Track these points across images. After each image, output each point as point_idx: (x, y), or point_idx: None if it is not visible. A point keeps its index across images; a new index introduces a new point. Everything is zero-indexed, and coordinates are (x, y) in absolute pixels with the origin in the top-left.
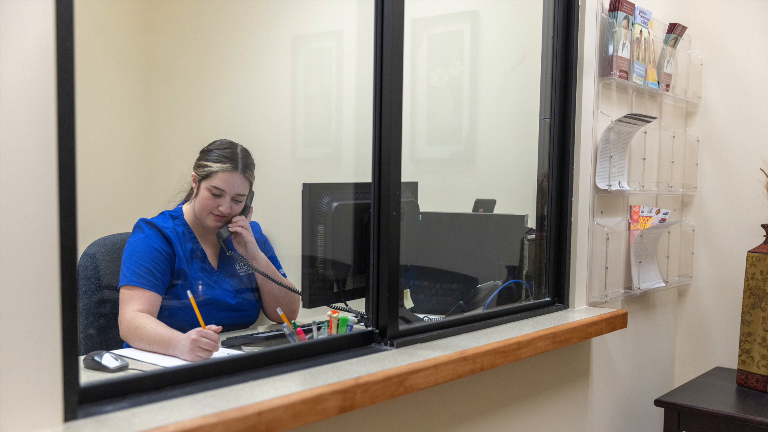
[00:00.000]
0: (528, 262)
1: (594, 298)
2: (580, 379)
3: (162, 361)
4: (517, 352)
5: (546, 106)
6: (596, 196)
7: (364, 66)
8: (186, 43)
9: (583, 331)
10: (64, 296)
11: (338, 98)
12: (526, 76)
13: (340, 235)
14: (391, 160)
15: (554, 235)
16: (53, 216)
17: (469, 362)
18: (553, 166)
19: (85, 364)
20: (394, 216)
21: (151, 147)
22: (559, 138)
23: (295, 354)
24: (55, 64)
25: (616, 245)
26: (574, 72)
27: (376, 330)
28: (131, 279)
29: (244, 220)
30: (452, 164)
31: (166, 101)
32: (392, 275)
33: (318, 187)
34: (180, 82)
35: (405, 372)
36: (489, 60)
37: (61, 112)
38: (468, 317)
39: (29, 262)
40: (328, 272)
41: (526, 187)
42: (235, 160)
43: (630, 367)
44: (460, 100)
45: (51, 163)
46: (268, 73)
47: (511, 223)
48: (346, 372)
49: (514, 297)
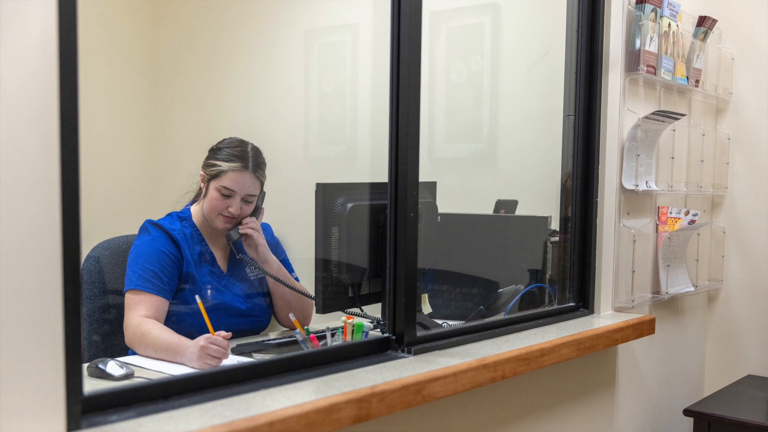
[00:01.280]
0: (551, 265)
1: (620, 303)
2: (605, 388)
3: (169, 368)
4: (539, 360)
5: (570, 103)
6: (622, 197)
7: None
8: (194, 37)
9: (609, 337)
10: (66, 301)
11: (353, 94)
12: (549, 71)
13: (355, 237)
14: (408, 159)
15: (579, 237)
16: (55, 217)
17: (489, 370)
18: (578, 165)
19: (89, 372)
20: (411, 217)
21: (157, 145)
22: (584, 136)
23: (308, 361)
24: (58, 59)
25: (644, 248)
26: (599, 67)
27: (393, 336)
28: (137, 283)
29: (254, 221)
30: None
31: (174, 98)
32: (409, 279)
33: (332, 187)
34: (188, 78)
35: (423, 380)
36: (510, 54)
37: (64, 110)
38: (489, 323)
39: (30, 266)
40: (343, 276)
41: (550, 188)
42: (245, 159)
43: (658, 375)
44: (481, 97)
45: (53, 162)
46: (280, 68)
47: (534, 224)
48: (362, 380)
49: (536, 302)
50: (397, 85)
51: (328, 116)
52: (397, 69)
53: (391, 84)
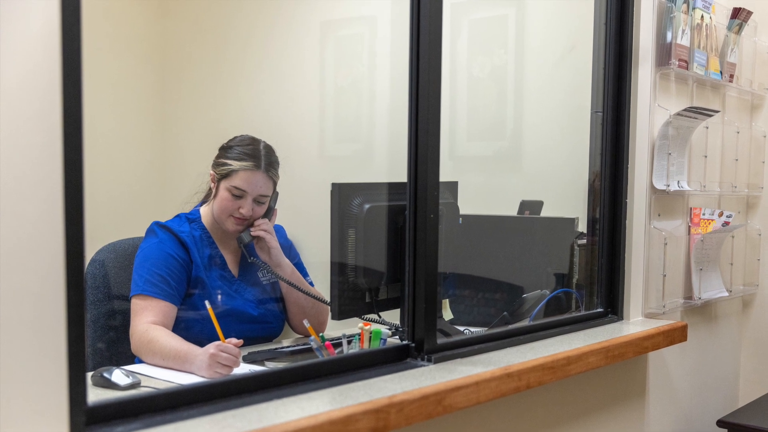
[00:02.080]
0: (578, 269)
1: (651, 309)
2: (635, 398)
3: (177, 377)
4: (566, 368)
5: (598, 99)
6: (653, 198)
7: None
8: (204, 30)
9: (639, 345)
10: (70, 307)
11: (371, 90)
12: (576, 66)
13: (372, 239)
14: (428, 158)
15: (607, 240)
16: (58, 219)
17: (513, 379)
18: (606, 165)
19: (93, 381)
20: (431, 219)
21: (165, 143)
22: (613, 133)
23: (323, 370)
24: (60, 53)
25: (675, 251)
26: (628, 61)
27: (412, 344)
28: (144, 288)
29: (267, 223)
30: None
31: (182, 93)
32: (430, 284)
33: (348, 187)
34: (197, 73)
35: (444, 390)
36: (535, 48)
37: (67, 106)
38: (513, 330)
39: (32, 270)
40: (360, 280)
41: (577, 188)
42: (257, 158)
43: (690, 384)
44: (504, 92)
45: (56, 161)
46: (294, 62)
47: (560, 226)
48: (379, 390)
49: (563, 308)
50: (416, 80)
51: (345, 113)
52: (417, 63)
53: (411, 79)
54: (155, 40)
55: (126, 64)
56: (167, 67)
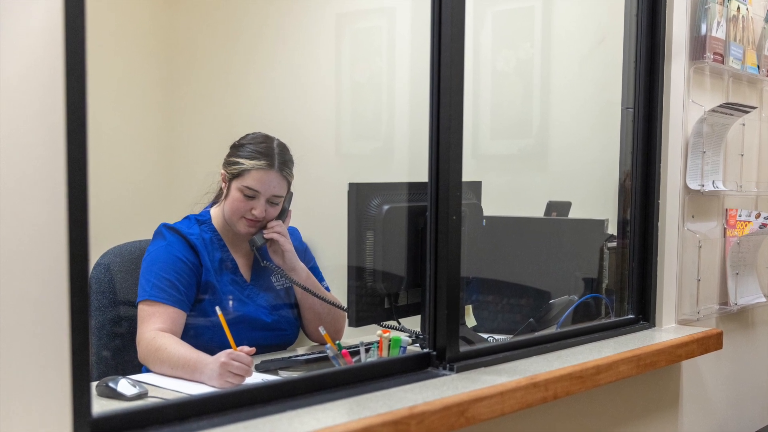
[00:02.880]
0: (608, 273)
1: (684, 316)
2: (668, 409)
3: (186, 387)
4: (595, 378)
5: (629, 95)
6: (687, 198)
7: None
8: (213, 22)
9: (672, 353)
10: (73, 313)
11: (389, 85)
12: (605, 60)
13: (391, 242)
14: (450, 157)
15: (638, 243)
16: (61, 221)
17: (540, 389)
18: (637, 164)
19: (98, 391)
20: (454, 221)
21: (174, 141)
22: (644, 131)
23: (339, 379)
24: (64, 46)
25: (710, 254)
26: (661, 55)
27: (434, 352)
28: (151, 293)
29: (281, 225)
30: (521, 161)
31: (191, 89)
32: (452, 289)
33: (366, 187)
34: (207, 68)
35: (467, 400)
36: (563, 41)
37: (70, 102)
38: (539, 337)
39: (34, 274)
40: (378, 285)
41: (606, 188)
42: (270, 157)
43: (726, 394)
44: (530, 88)
45: (59, 160)
46: (309, 56)
47: (589, 228)
48: (399, 400)
49: (592, 314)
50: (438, 75)
51: (362, 109)
52: (438, 57)
53: (432, 74)
54: (162, 34)
55: (132, 59)
56: (175, 61)
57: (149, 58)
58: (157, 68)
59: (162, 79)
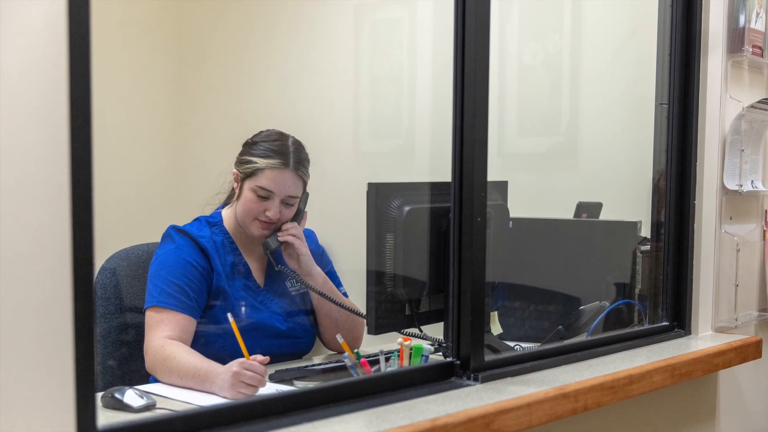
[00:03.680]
0: (641, 278)
1: (721, 323)
2: (704, 421)
3: (197, 398)
4: (628, 388)
5: (663, 90)
6: (724, 199)
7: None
8: (225, 13)
9: (709, 362)
10: (77, 320)
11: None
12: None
13: (413, 245)
14: (474, 155)
15: (673, 246)
16: (65, 223)
17: (569, 400)
18: (672, 162)
19: (104, 402)
20: (478, 223)
21: (183, 139)
22: (679, 128)
23: (358, 390)
24: (67, 39)
25: (749, 258)
26: (697, 48)
27: (457, 361)
28: (159, 299)
29: (296, 227)
30: (549, 159)
31: (202, 84)
32: (476, 295)
33: (386, 187)
34: (218, 61)
35: (492, 412)
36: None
37: (74, 99)
38: (568, 346)
39: (35, 279)
40: (399, 291)
41: (639, 188)
42: (285, 155)
43: (765, 405)
44: (559, 82)
45: (62, 158)
46: (325, 49)
47: (621, 231)
48: (421, 412)
49: (624, 321)
50: (461, 69)
51: (382, 105)
52: (462, 50)
53: (455, 68)
54: (171, 26)
55: (139, 52)
56: (185, 54)
57: (157, 51)
58: (165, 62)
59: (171, 73)
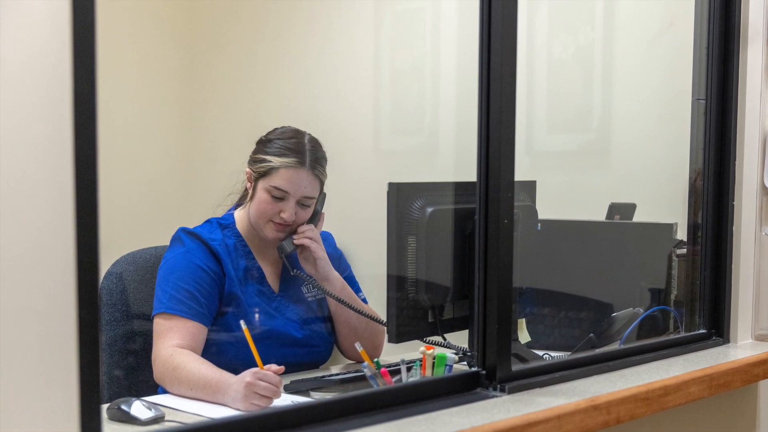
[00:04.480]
0: (677, 283)
1: (762, 330)
2: None
3: (207, 410)
4: (663, 400)
5: (700, 84)
6: (765, 200)
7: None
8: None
9: (748, 372)
10: (82, 327)
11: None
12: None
13: (436, 249)
14: (501, 154)
15: (711, 250)
16: (69, 225)
17: (601, 412)
18: (710, 161)
19: (110, 414)
20: (505, 225)
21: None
22: (718, 124)
23: (378, 401)
24: (71, 31)
25: None
26: (736, 40)
27: (483, 371)
28: (168, 305)
29: (313, 230)
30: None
31: (214, 78)
32: (503, 301)
33: (408, 187)
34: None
35: (519, 425)
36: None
37: (79, 94)
38: (600, 355)
39: (38, 284)
40: (421, 297)
41: (675, 188)
42: (301, 154)
43: None
44: (591, 77)
45: (65, 157)
46: (344, 41)
47: (656, 233)
48: (444, 425)
49: (659, 329)
50: (488, 62)
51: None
52: (488, 42)
53: (481, 61)
54: (182, 17)
55: (148, 45)
56: (196, 48)
57: (167, 44)
58: (175, 55)
59: (181, 67)
